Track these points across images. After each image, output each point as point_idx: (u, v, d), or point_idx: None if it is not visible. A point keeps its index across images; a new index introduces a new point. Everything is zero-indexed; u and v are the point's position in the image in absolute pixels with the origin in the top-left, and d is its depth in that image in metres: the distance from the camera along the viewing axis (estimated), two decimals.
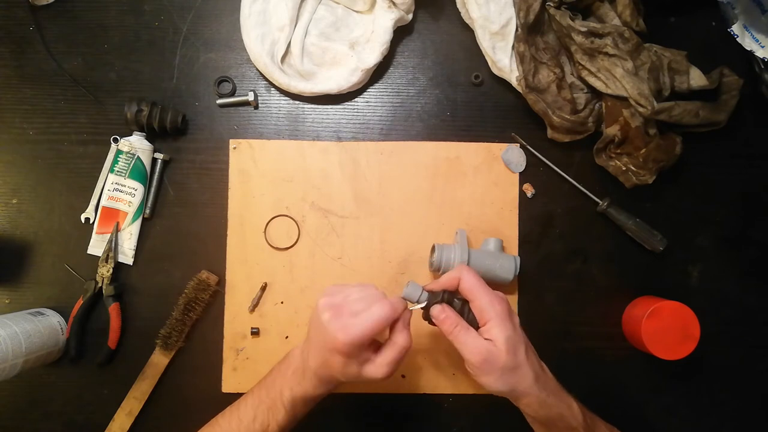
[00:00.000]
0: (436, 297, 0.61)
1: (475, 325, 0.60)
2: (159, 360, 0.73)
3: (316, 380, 0.59)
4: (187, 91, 0.76)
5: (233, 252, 0.74)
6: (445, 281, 0.61)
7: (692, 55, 0.72)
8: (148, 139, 0.74)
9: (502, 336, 0.57)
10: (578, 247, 0.76)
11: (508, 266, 0.70)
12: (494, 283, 0.66)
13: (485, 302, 0.58)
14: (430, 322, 0.62)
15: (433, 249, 0.72)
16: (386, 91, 0.77)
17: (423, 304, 0.61)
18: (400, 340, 0.58)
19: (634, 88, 0.68)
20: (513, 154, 0.76)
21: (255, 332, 0.74)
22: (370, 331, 0.55)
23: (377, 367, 0.57)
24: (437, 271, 0.70)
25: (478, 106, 0.77)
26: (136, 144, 0.73)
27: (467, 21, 0.75)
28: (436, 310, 0.60)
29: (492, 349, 0.57)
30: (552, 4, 0.71)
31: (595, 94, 0.73)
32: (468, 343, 0.57)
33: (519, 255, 0.74)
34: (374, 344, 0.59)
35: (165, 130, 0.74)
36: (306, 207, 0.75)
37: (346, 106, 0.77)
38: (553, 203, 0.76)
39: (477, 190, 0.76)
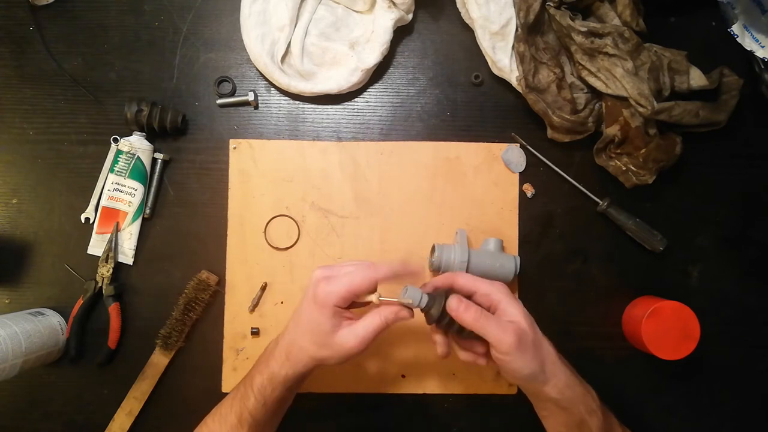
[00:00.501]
0: (434, 297, 0.60)
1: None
2: (159, 360, 0.73)
3: (283, 356, 0.59)
4: (187, 91, 0.76)
5: (233, 252, 0.74)
6: (437, 283, 0.61)
7: (692, 55, 0.72)
8: (148, 139, 0.74)
9: (519, 313, 0.57)
10: (578, 247, 0.76)
11: (508, 266, 0.70)
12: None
13: (488, 288, 0.58)
14: (436, 323, 0.60)
15: (433, 249, 0.72)
16: (386, 91, 0.77)
17: (423, 305, 0.60)
18: (375, 318, 0.58)
19: (634, 88, 0.68)
20: (513, 154, 0.76)
21: (255, 332, 0.74)
22: (349, 285, 0.56)
23: (347, 336, 0.57)
24: (437, 270, 0.70)
25: (478, 106, 0.77)
26: (136, 144, 0.73)
27: (467, 21, 0.75)
28: (454, 302, 0.57)
29: (519, 326, 0.56)
30: (552, 4, 0.71)
31: (595, 94, 0.73)
32: (497, 327, 0.55)
33: (519, 255, 0.74)
34: (353, 318, 0.59)
35: (165, 130, 0.74)
36: (306, 207, 0.75)
37: (346, 106, 0.77)
38: (553, 203, 0.76)
39: (477, 190, 0.76)
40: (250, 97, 0.75)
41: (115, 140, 0.74)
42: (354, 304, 0.60)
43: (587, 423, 0.58)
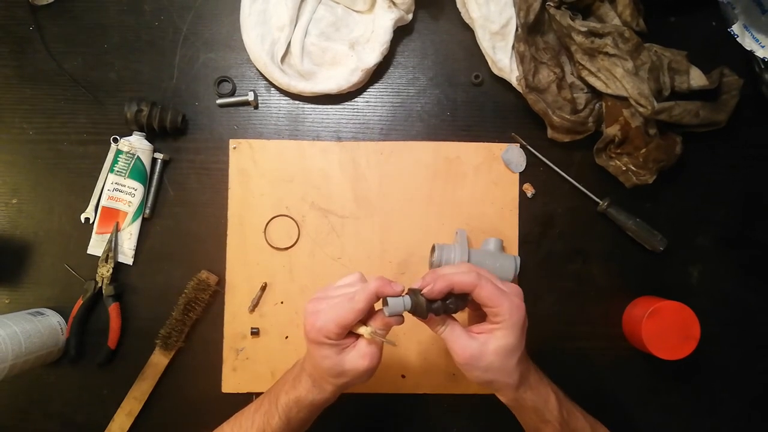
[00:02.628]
0: (417, 296, 0.57)
1: (463, 305, 0.58)
2: (159, 360, 0.73)
3: (310, 382, 0.59)
4: (187, 91, 0.76)
5: (233, 252, 0.74)
6: (455, 283, 0.58)
7: (692, 55, 0.72)
8: (147, 139, 0.74)
9: (502, 342, 0.56)
10: (578, 246, 0.76)
11: (508, 266, 0.70)
12: None
13: (505, 309, 0.56)
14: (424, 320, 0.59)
15: (433, 249, 0.72)
16: (386, 91, 0.77)
17: (408, 309, 0.58)
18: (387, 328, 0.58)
19: (634, 88, 0.68)
20: (513, 154, 0.76)
21: (255, 332, 0.74)
22: (335, 319, 0.55)
23: (354, 358, 0.57)
24: None
25: (478, 106, 0.77)
26: (136, 144, 0.73)
27: (467, 21, 0.75)
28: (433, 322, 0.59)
29: (478, 350, 0.56)
30: (552, 4, 0.71)
31: (595, 94, 0.73)
32: (454, 343, 0.57)
33: (519, 255, 0.74)
34: (356, 337, 0.58)
35: (165, 130, 0.74)
36: (306, 207, 0.75)
37: (346, 106, 0.77)
38: (553, 203, 0.76)
39: (477, 190, 0.76)
40: (250, 97, 0.75)
41: (115, 140, 0.74)
42: (351, 334, 0.59)
43: (542, 430, 0.60)
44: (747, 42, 0.75)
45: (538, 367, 0.61)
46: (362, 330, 0.57)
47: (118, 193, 0.73)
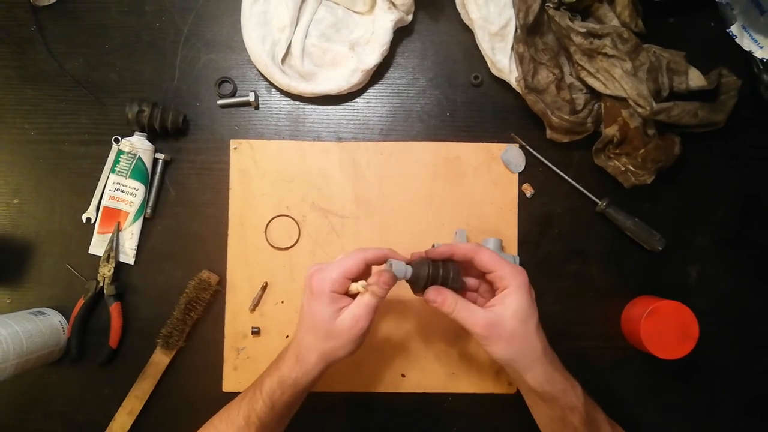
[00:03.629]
0: (420, 268, 0.60)
1: (461, 285, 0.60)
2: (160, 359, 0.73)
3: (293, 359, 0.60)
4: (188, 91, 0.76)
5: (234, 252, 0.75)
6: (456, 250, 0.61)
7: (691, 55, 0.72)
8: (149, 139, 0.75)
9: (515, 304, 0.58)
10: (577, 247, 0.76)
11: None
12: None
13: (507, 272, 0.59)
14: (419, 293, 0.62)
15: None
16: (386, 92, 0.77)
17: (408, 277, 0.60)
18: (365, 297, 0.59)
19: (633, 89, 0.68)
20: (512, 155, 0.76)
21: (256, 332, 0.74)
22: (341, 268, 0.59)
23: (345, 319, 0.59)
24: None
25: (478, 106, 0.77)
26: (138, 144, 0.73)
27: (467, 22, 0.75)
28: (431, 295, 0.60)
29: (496, 317, 0.57)
30: (551, 5, 0.72)
31: (594, 94, 0.73)
32: (470, 317, 0.58)
33: (518, 255, 0.75)
34: (350, 302, 0.60)
35: (166, 130, 0.74)
36: (306, 207, 0.75)
37: (346, 107, 0.77)
38: (552, 203, 0.76)
39: (476, 191, 0.76)
40: (251, 97, 0.75)
41: (117, 140, 0.75)
42: (348, 297, 0.61)
43: (569, 418, 0.59)
44: (745, 42, 0.75)
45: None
46: (357, 286, 0.60)
47: (120, 193, 0.74)
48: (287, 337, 0.74)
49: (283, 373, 0.60)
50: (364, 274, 0.61)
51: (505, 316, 0.58)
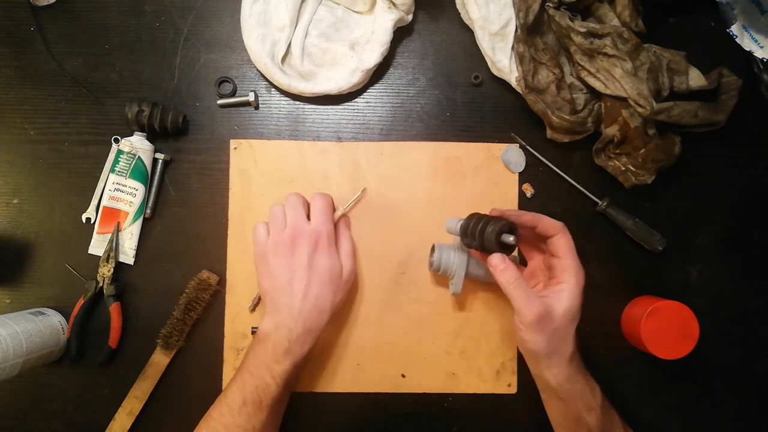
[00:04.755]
0: (468, 222, 0.62)
1: (493, 245, 0.59)
2: (160, 359, 0.73)
3: (305, 334, 0.62)
4: (188, 91, 0.76)
5: (234, 252, 0.75)
6: (543, 222, 0.62)
7: (691, 55, 0.72)
8: (148, 139, 0.74)
9: (568, 302, 0.57)
10: (577, 246, 0.75)
11: None
12: (494, 284, 0.66)
13: (573, 267, 0.59)
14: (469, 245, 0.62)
15: (432, 249, 0.72)
16: (386, 92, 0.77)
17: (458, 231, 0.63)
18: (344, 230, 0.69)
19: (633, 89, 0.68)
20: (512, 155, 0.76)
21: (255, 332, 0.74)
22: (329, 214, 0.67)
23: (343, 262, 0.66)
24: (437, 271, 0.70)
25: (478, 106, 0.77)
26: (137, 144, 0.73)
27: (467, 22, 0.75)
28: (496, 260, 0.59)
29: (550, 310, 0.57)
30: (551, 5, 0.72)
31: (595, 94, 0.73)
32: (525, 300, 0.57)
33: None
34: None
35: (166, 130, 0.74)
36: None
37: (346, 107, 0.77)
38: (552, 203, 0.76)
39: (477, 190, 0.76)
40: (251, 97, 0.75)
41: (116, 140, 0.75)
42: None
43: (584, 419, 0.59)
44: (746, 42, 0.75)
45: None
46: (338, 212, 0.70)
47: (119, 193, 0.74)
48: None
49: (296, 355, 0.62)
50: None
51: (556, 311, 0.57)
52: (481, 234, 0.60)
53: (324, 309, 0.63)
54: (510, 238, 0.59)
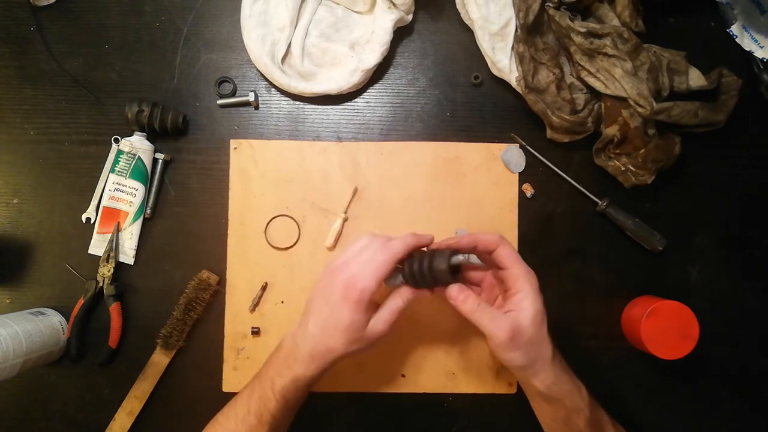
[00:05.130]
0: (411, 266, 0.60)
1: (446, 276, 0.58)
2: (160, 359, 0.73)
3: (308, 359, 0.59)
4: (188, 91, 0.76)
5: (234, 252, 0.75)
6: (479, 240, 0.61)
7: (691, 55, 0.72)
8: (148, 139, 0.74)
9: (532, 309, 0.57)
10: (577, 246, 0.76)
11: None
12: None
13: (521, 273, 0.58)
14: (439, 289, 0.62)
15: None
16: (386, 92, 0.77)
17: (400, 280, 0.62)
18: (397, 301, 0.61)
19: (633, 89, 0.68)
20: (512, 155, 0.76)
21: (255, 332, 0.74)
22: (377, 274, 0.58)
23: (375, 324, 0.59)
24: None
25: (478, 106, 0.77)
26: (137, 144, 0.73)
27: (467, 22, 0.75)
28: (454, 292, 0.59)
29: (518, 324, 0.57)
30: (551, 5, 0.72)
31: (595, 94, 0.73)
32: (492, 322, 0.57)
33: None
34: (378, 304, 0.61)
35: (166, 130, 0.74)
36: (306, 207, 0.75)
37: (346, 107, 0.77)
38: (552, 203, 0.76)
39: (476, 190, 0.76)
40: (251, 97, 0.75)
41: (116, 140, 0.75)
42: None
43: (573, 420, 0.59)
44: (746, 42, 0.75)
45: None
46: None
47: (119, 193, 0.74)
48: None
49: (297, 373, 0.60)
50: None
51: (524, 323, 0.57)
52: (430, 270, 0.59)
53: (332, 349, 0.59)
54: (459, 257, 0.59)
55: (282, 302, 0.75)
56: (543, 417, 0.63)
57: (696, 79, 0.71)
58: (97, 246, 0.74)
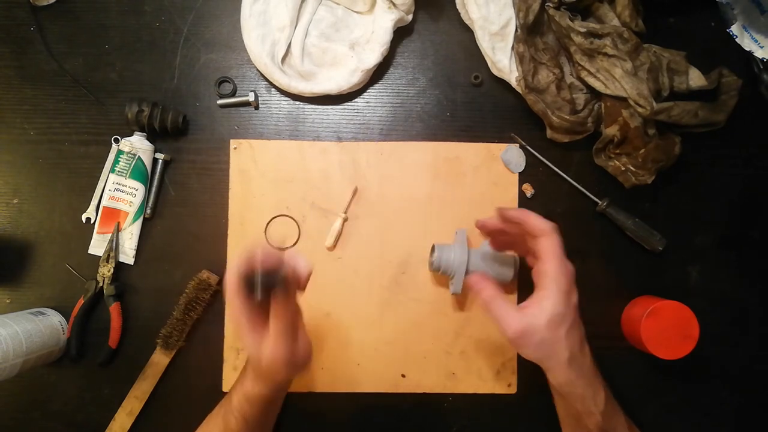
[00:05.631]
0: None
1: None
2: (160, 359, 0.73)
3: (252, 375, 0.57)
4: (188, 91, 0.76)
5: (234, 252, 0.75)
6: (530, 221, 0.58)
7: (691, 55, 0.72)
8: (148, 139, 0.74)
9: (550, 310, 0.55)
10: (577, 247, 0.76)
11: (507, 267, 0.71)
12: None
13: (552, 273, 0.56)
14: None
15: (432, 249, 0.72)
16: (386, 92, 0.77)
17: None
18: (273, 318, 0.52)
19: (633, 89, 0.68)
20: (512, 155, 0.76)
21: None
22: (230, 298, 0.51)
23: (266, 355, 0.52)
24: (437, 270, 0.70)
25: (478, 106, 0.77)
26: (137, 144, 0.73)
27: (467, 22, 0.75)
28: (475, 278, 0.58)
29: (530, 323, 0.55)
30: (551, 5, 0.72)
31: (595, 94, 0.73)
32: (505, 318, 0.56)
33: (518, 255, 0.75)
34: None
35: (166, 130, 0.74)
36: (306, 207, 0.75)
37: (346, 107, 0.77)
38: (552, 203, 0.76)
39: (477, 190, 0.76)
40: (251, 97, 0.75)
41: (116, 140, 0.75)
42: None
43: (584, 420, 0.59)
44: (746, 42, 0.75)
45: (594, 360, 0.59)
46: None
47: (119, 193, 0.74)
48: None
49: (247, 390, 0.58)
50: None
51: (539, 322, 0.55)
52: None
53: (261, 376, 0.56)
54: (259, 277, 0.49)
55: None
56: (558, 408, 0.63)
57: (696, 79, 0.71)
58: (97, 246, 0.74)
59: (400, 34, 0.77)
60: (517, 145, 0.76)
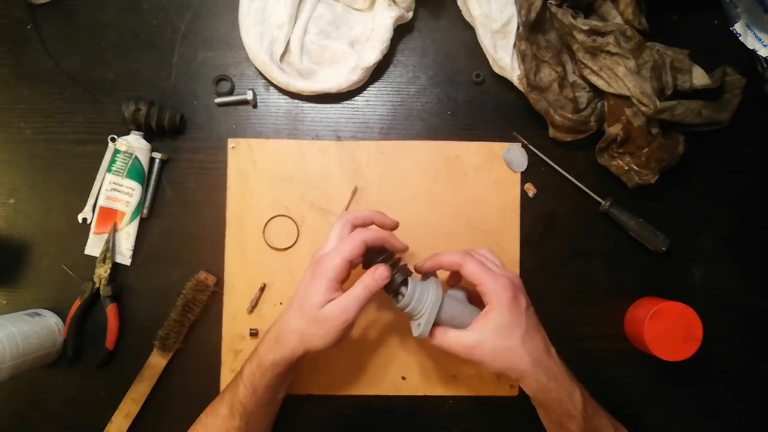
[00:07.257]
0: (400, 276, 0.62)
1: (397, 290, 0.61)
2: (157, 361, 0.72)
3: (272, 340, 0.61)
4: (186, 90, 0.76)
5: (232, 252, 0.74)
6: (443, 261, 0.62)
7: (695, 53, 0.71)
8: (146, 138, 0.74)
9: (495, 321, 0.58)
10: (580, 247, 0.75)
11: (471, 317, 0.63)
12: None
13: (489, 286, 0.59)
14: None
15: (404, 282, 0.62)
16: (386, 90, 0.77)
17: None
18: (357, 288, 0.60)
19: (636, 87, 0.68)
20: (514, 154, 0.75)
21: (254, 333, 0.73)
22: (341, 256, 0.59)
23: (331, 308, 0.59)
24: (404, 308, 0.62)
25: (479, 105, 0.76)
26: (134, 143, 0.73)
27: (468, 19, 0.75)
28: (437, 332, 0.62)
29: (475, 338, 0.58)
30: (554, 3, 0.71)
31: (597, 92, 0.73)
32: (455, 339, 0.60)
33: (520, 255, 0.74)
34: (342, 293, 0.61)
35: (163, 129, 0.73)
36: (305, 207, 0.75)
37: (345, 105, 0.76)
38: (554, 203, 0.75)
39: (478, 190, 0.75)
40: (249, 95, 0.74)
41: (113, 139, 0.74)
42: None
43: (566, 425, 0.60)
44: (749, 41, 0.74)
45: (563, 363, 0.61)
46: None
47: (116, 193, 0.73)
48: None
49: (261, 355, 0.61)
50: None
51: (486, 334, 0.58)
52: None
53: (292, 331, 0.60)
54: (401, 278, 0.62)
55: (281, 303, 0.74)
56: (541, 418, 0.64)
57: (699, 77, 0.71)
58: (94, 246, 0.73)
59: (401, 31, 0.76)
60: (519, 144, 0.75)
